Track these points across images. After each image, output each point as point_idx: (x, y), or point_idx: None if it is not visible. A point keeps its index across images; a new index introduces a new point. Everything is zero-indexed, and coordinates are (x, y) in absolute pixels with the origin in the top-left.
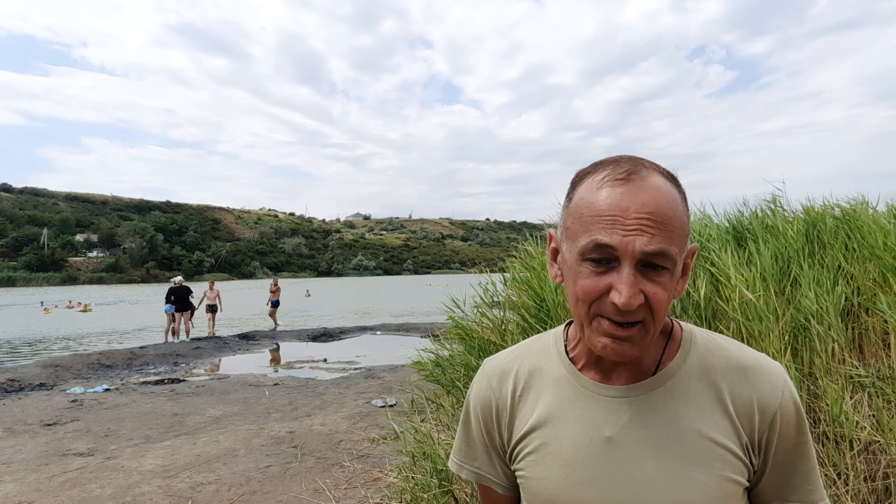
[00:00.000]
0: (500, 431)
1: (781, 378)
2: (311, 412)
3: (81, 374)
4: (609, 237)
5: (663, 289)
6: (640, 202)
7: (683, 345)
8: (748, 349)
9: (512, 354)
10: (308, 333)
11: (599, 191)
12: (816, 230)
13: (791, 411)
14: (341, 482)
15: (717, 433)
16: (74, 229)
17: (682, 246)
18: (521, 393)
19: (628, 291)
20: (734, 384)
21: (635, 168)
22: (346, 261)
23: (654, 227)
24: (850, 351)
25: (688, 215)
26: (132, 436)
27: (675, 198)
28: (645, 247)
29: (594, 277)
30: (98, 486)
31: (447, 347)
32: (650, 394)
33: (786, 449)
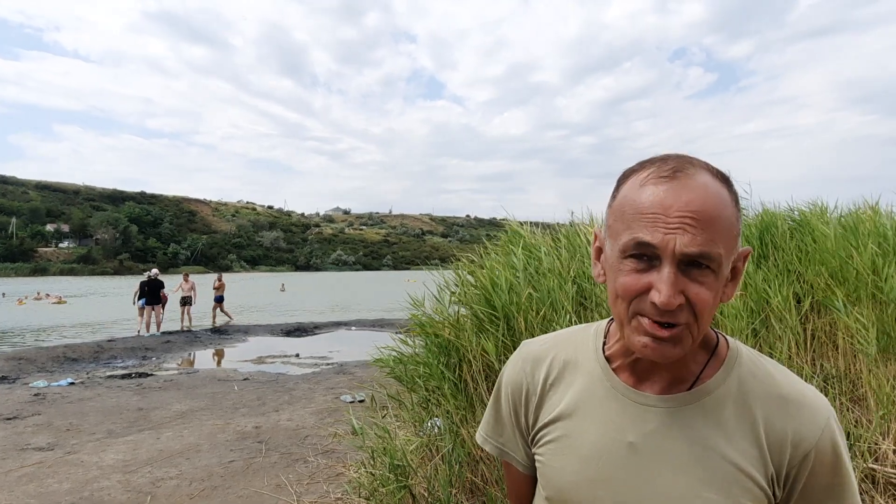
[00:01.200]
0: (528, 415)
1: (824, 416)
2: (279, 407)
3: (46, 367)
4: (650, 235)
5: (707, 289)
6: (685, 200)
7: (727, 363)
8: (796, 380)
9: (551, 342)
10: (281, 328)
11: (643, 188)
12: (770, 234)
13: (829, 452)
14: (304, 477)
15: (742, 460)
16: (45, 219)
17: (730, 248)
18: (553, 382)
19: (668, 291)
20: (771, 413)
21: (681, 166)
22: (324, 255)
23: (697, 226)
24: (799, 351)
25: (738, 217)
26: (95, 430)
27: (722, 197)
28: (686, 247)
29: (634, 275)
30: (56, 481)
31: (410, 344)
32: (682, 408)
33: (816, 488)
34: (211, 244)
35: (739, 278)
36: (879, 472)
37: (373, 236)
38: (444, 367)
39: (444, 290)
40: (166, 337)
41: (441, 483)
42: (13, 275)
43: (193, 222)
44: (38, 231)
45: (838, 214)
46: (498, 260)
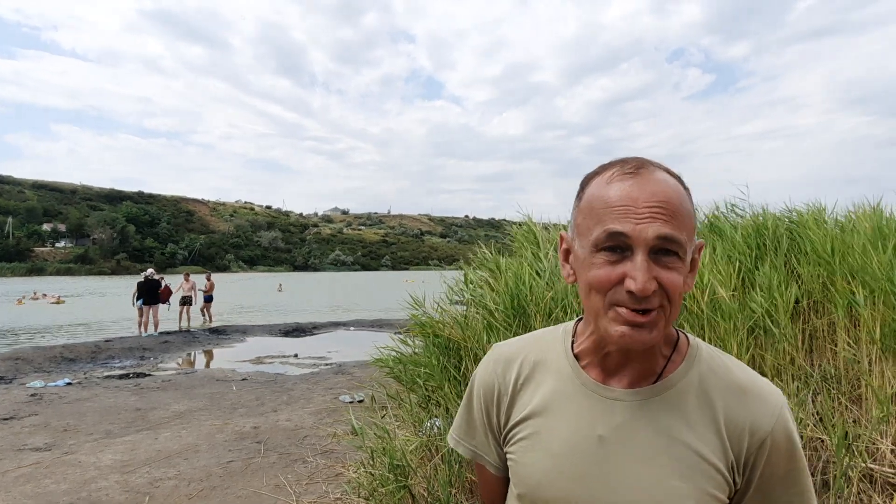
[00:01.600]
0: (499, 415)
1: (778, 405)
2: (278, 408)
3: (43, 367)
4: (622, 225)
5: (678, 273)
6: (650, 192)
7: (688, 358)
8: (752, 373)
9: (521, 343)
10: (280, 328)
11: (610, 185)
12: (771, 233)
13: (783, 439)
14: (303, 477)
15: (704, 449)
16: (41, 218)
17: (691, 237)
18: (524, 381)
19: (643, 277)
20: (730, 404)
21: (642, 163)
22: (323, 255)
23: (664, 214)
24: (798, 351)
25: (693, 212)
26: (92, 430)
27: (681, 191)
28: (657, 231)
29: (608, 267)
30: (53, 482)
31: (410, 345)
32: (647, 401)
33: (773, 474)
34: (209, 244)
35: (696, 270)
36: (877, 471)
37: (371, 236)
38: (446, 367)
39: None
40: (164, 337)
41: (440, 483)
42: (9, 274)
43: (191, 222)
44: (34, 231)
45: (843, 214)
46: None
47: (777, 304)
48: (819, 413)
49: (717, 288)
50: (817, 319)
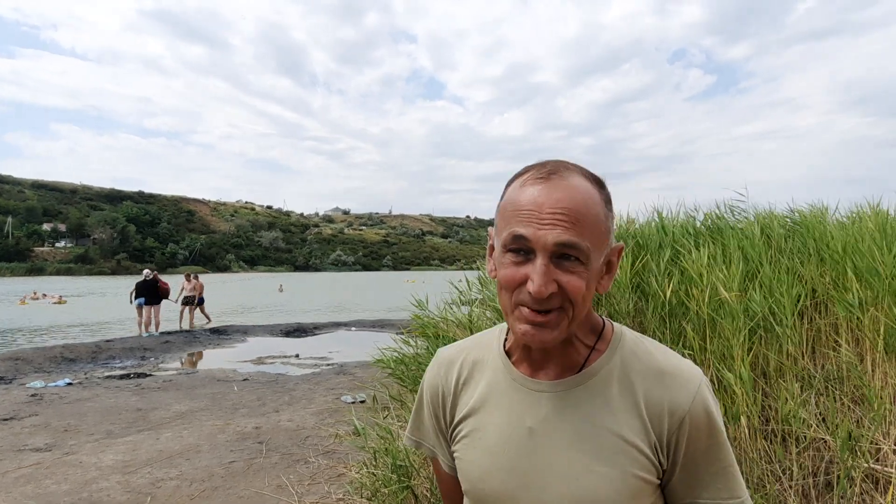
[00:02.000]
0: (445, 416)
1: (695, 384)
2: (280, 408)
3: (43, 367)
4: (525, 229)
5: (578, 278)
6: (555, 198)
7: (611, 345)
8: (673, 355)
9: (462, 345)
10: (281, 328)
11: (522, 189)
12: (776, 234)
13: (702, 416)
14: (305, 478)
15: (628, 432)
16: (41, 218)
17: (599, 242)
18: (465, 381)
19: (539, 280)
20: (650, 387)
21: (556, 168)
22: (324, 256)
23: (566, 221)
24: (802, 351)
25: (608, 215)
26: (93, 431)
27: (591, 196)
28: (556, 238)
29: (513, 267)
30: (54, 482)
31: (411, 345)
32: (572, 390)
33: (696, 451)
34: (209, 244)
35: (615, 271)
36: (880, 472)
37: (372, 237)
38: None
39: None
40: (165, 337)
41: None
42: (9, 274)
43: (192, 222)
44: (34, 230)
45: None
46: None
47: (782, 303)
48: (822, 414)
49: (719, 289)
50: (821, 320)
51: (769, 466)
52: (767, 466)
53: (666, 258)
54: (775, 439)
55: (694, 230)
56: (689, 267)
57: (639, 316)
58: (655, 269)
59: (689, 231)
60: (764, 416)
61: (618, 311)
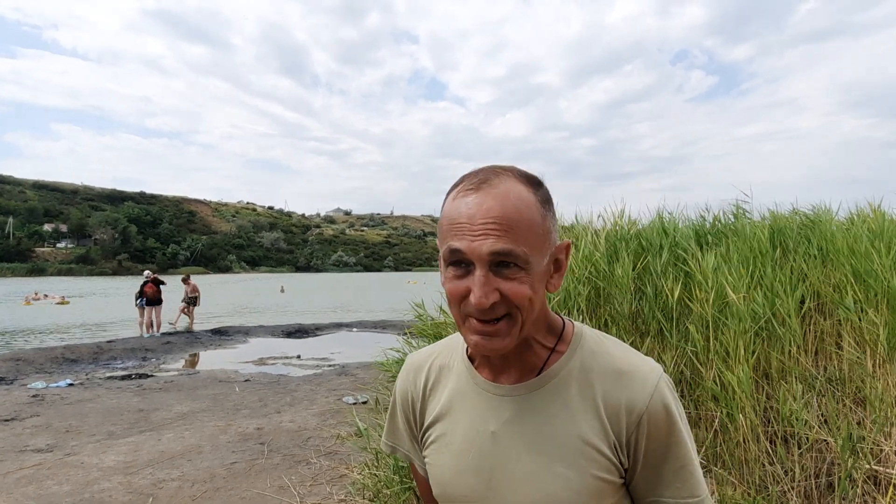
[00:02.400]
0: (416, 421)
1: (653, 382)
2: (281, 409)
3: (44, 368)
4: (459, 242)
5: (519, 283)
6: (486, 208)
7: (571, 347)
8: (633, 354)
9: (431, 350)
10: (282, 329)
11: (455, 201)
12: (781, 235)
13: (660, 414)
14: (307, 479)
15: (587, 433)
16: (42, 218)
17: (537, 245)
18: (432, 387)
19: (479, 292)
20: (608, 387)
21: (487, 177)
22: (325, 256)
23: (499, 230)
24: (804, 352)
25: (545, 216)
26: (94, 432)
27: (524, 201)
28: (490, 248)
29: (455, 281)
30: (55, 483)
31: (414, 346)
32: (532, 394)
33: (656, 449)
34: (211, 245)
35: (564, 269)
36: (882, 473)
37: (374, 237)
38: None
39: None
40: (166, 338)
41: None
42: (9, 275)
43: (193, 223)
44: (35, 231)
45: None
46: None
47: (786, 305)
48: (824, 415)
49: (727, 290)
50: (824, 321)
51: (771, 468)
52: (770, 467)
53: (663, 261)
54: (777, 440)
55: (697, 232)
56: (694, 269)
57: (639, 317)
58: (654, 271)
59: (694, 233)
60: (766, 417)
61: (619, 313)
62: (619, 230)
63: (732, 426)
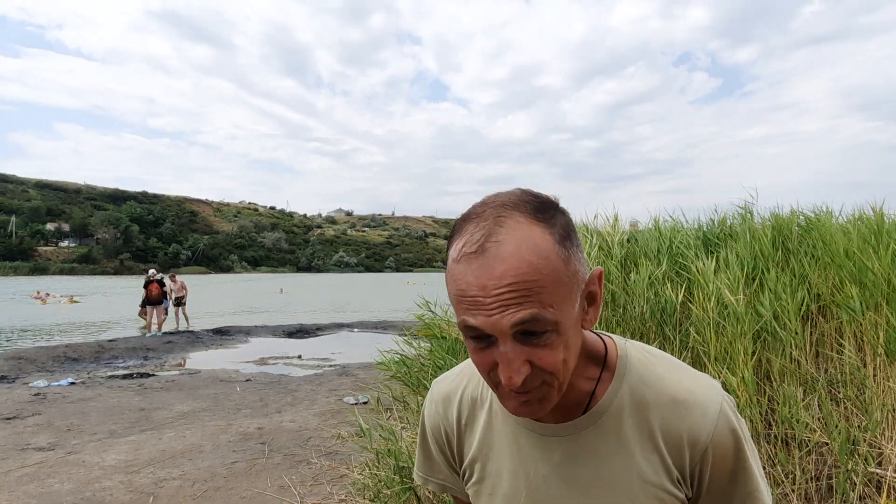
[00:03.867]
0: (453, 453)
1: (715, 409)
2: (282, 409)
3: (46, 366)
4: (475, 319)
5: (552, 349)
6: (497, 275)
7: (617, 374)
8: (686, 377)
9: (457, 378)
10: (284, 329)
11: (458, 265)
12: (782, 237)
13: (727, 441)
14: (307, 478)
15: (647, 471)
16: (45, 218)
17: (564, 297)
18: (466, 422)
19: (508, 371)
20: (665, 418)
21: (492, 231)
22: (326, 257)
23: (518, 297)
24: (805, 355)
25: (568, 258)
26: (96, 430)
27: (540, 252)
28: (512, 319)
29: (480, 353)
30: (57, 482)
31: (414, 346)
32: (582, 433)
33: (722, 478)
34: (212, 244)
35: (600, 300)
36: (882, 476)
37: (375, 238)
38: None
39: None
40: (168, 337)
41: None
42: (12, 274)
43: (195, 222)
44: (37, 230)
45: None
46: None
47: (786, 307)
48: (824, 418)
49: (724, 293)
50: (826, 323)
51: (772, 470)
52: (770, 470)
53: (664, 267)
54: (778, 443)
55: (706, 234)
56: (694, 272)
57: (644, 319)
58: (659, 276)
59: (702, 235)
60: (766, 419)
61: (631, 316)
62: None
63: None
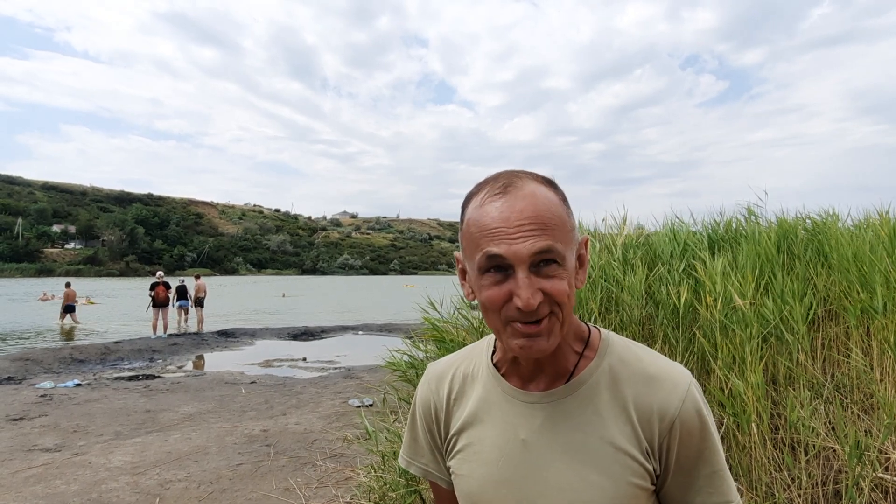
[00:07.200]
0: (439, 431)
1: (683, 387)
2: (287, 411)
3: (52, 368)
4: (497, 247)
5: (559, 280)
6: (519, 209)
7: (599, 353)
8: (662, 359)
9: (452, 359)
10: (288, 332)
11: (482, 208)
12: (788, 241)
13: (693, 419)
14: (312, 481)
15: (620, 439)
16: (51, 219)
17: (567, 241)
18: (456, 396)
19: (526, 293)
20: (639, 392)
21: (510, 180)
22: (331, 259)
23: (535, 229)
24: (812, 359)
25: (569, 213)
26: (102, 432)
27: (551, 200)
28: (531, 249)
29: (495, 288)
30: (63, 483)
31: (421, 349)
32: (562, 400)
33: (689, 455)
34: (217, 247)
35: (586, 264)
36: (889, 481)
37: (380, 241)
38: None
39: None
40: (173, 339)
41: None
42: (18, 275)
43: (200, 224)
44: (43, 232)
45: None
46: None
47: (794, 311)
48: (831, 422)
49: (733, 296)
50: (835, 327)
51: (778, 475)
52: (777, 475)
53: (680, 269)
54: (784, 447)
55: (710, 237)
56: (702, 275)
57: (649, 323)
58: (668, 278)
59: (707, 238)
60: (773, 424)
61: (630, 319)
62: (629, 238)
63: (740, 432)
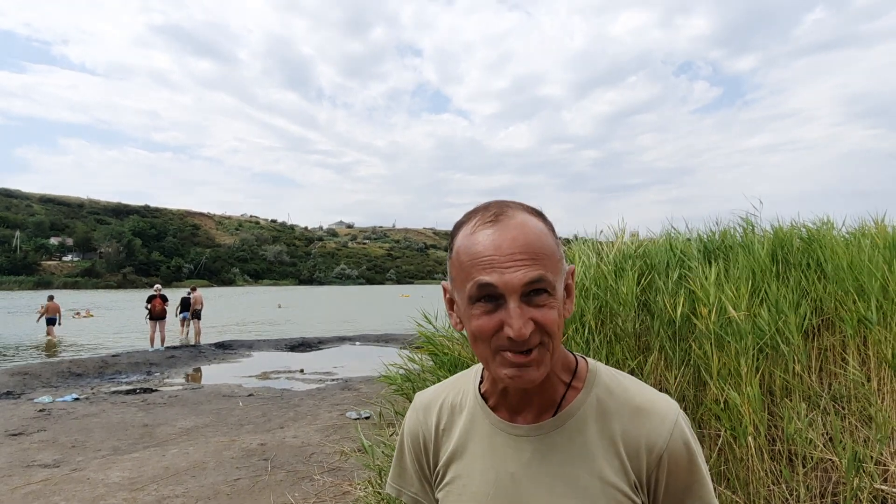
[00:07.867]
0: (428, 461)
1: (671, 419)
2: (285, 424)
3: (51, 382)
4: (489, 276)
5: (549, 309)
6: (511, 238)
7: (587, 384)
8: (649, 390)
9: (439, 389)
10: (286, 343)
11: (473, 236)
12: (783, 251)
13: (681, 452)
14: (310, 495)
15: (608, 473)
16: (49, 232)
17: (557, 271)
18: (444, 427)
19: (518, 323)
20: (627, 425)
21: (501, 210)
22: (328, 269)
23: (527, 258)
24: (809, 370)
25: (557, 244)
26: (100, 447)
27: (541, 230)
28: (523, 279)
29: (486, 317)
30: (62, 499)
31: (417, 362)
32: (550, 434)
33: (677, 488)
34: (214, 258)
35: (573, 294)
36: (887, 492)
37: (376, 250)
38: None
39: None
40: (171, 352)
41: None
42: (16, 288)
43: (197, 236)
44: (41, 244)
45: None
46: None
47: (789, 322)
48: (829, 434)
49: (727, 307)
50: (831, 337)
51: (776, 487)
52: (774, 487)
53: (674, 278)
54: (782, 459)
55: (706, 247)
56: (695, 286)
57: (645, 335)
58: (663, 288)
59: (703, 248)
60: (770, 435)
61: (623, 331)
62: (624, 248)
63: (737, 445)
